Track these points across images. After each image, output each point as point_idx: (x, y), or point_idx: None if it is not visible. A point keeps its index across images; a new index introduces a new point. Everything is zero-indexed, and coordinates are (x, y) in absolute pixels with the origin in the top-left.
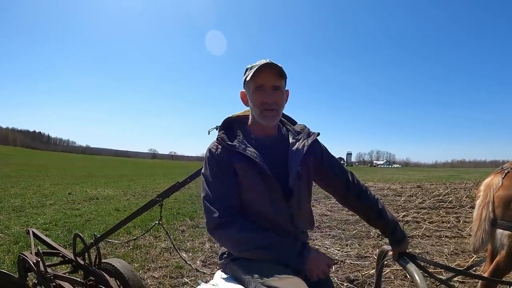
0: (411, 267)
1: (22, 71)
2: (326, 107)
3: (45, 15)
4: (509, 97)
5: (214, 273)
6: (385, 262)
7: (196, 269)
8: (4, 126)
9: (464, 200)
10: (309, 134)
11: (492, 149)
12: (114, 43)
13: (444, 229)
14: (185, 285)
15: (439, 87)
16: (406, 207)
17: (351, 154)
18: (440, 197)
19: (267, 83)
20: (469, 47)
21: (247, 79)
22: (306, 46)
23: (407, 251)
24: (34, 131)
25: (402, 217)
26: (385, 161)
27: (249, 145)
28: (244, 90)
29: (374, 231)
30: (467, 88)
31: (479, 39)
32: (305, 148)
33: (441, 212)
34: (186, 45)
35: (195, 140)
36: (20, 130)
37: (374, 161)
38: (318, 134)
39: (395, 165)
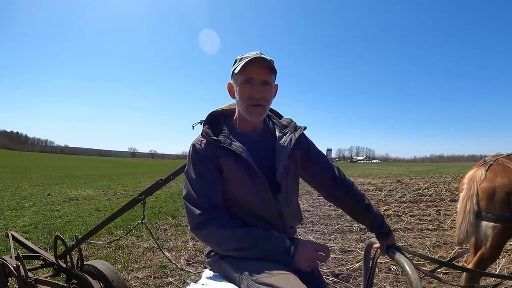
0: (401, 258)
1: None
2: (305, 103)
3: (19, 11)
4: (486, 93)
5: (199, 272)
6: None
7: (181, 268)
8: None
9: (444, 193)
10: (295, 128)
11: (470, 144)
12: (93, 40)
13: (425, 222)
14: (169, 285)
15: (417, 84)
16: (387, 201)
17: (331, 150)
18: (420, 191)
19: (256, 77)
20: (446, 43)
21: (236, 70)
22: (285, 41)
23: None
24: (11, 131)
25: (383, 211)
26: (365, 156)
27: (234, 140)
28: (231, 82)
29: (356, 225)
30: (444, 85)
31: (457, 34)
32: (292, 142)
33: (421, 205)
34: (174, 41)
35: (175, 138)
36: None
37: (354, 157)
38: (305, 128)
39: (375, 161)
